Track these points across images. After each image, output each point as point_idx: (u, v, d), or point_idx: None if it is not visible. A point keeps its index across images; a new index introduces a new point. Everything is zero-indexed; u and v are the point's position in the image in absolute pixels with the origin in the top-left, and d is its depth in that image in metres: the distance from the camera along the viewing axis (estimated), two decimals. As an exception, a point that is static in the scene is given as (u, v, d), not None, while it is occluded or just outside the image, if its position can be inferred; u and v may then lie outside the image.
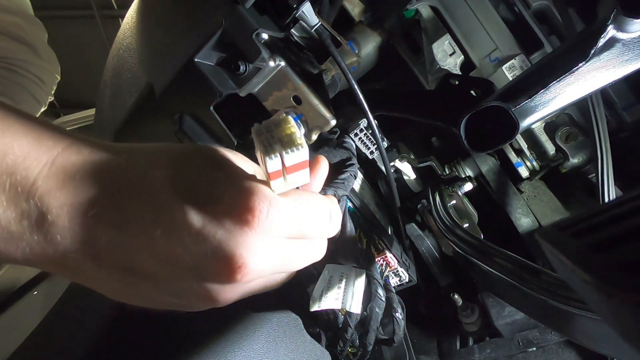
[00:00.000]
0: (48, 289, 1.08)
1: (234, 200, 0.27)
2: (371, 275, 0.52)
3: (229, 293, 0.28)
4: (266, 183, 0.29)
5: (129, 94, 0.52)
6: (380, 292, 0.51)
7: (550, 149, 0.62)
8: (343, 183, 0.49)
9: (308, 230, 0.29)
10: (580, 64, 0.41)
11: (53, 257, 0.25)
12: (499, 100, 0.43)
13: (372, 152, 0.61)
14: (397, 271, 0.58)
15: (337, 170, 0.52)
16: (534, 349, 0.59)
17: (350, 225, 0.51)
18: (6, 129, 0.24)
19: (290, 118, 0.29)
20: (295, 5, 0.43)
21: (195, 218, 0.26)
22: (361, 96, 0.48)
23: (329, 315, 0.54)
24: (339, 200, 0.42)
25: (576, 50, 0.42)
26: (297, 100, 0.47)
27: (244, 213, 0.26)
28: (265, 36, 0.44)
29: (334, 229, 0.32)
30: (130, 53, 0.57)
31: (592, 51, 0.41)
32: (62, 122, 1.58)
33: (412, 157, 0.67)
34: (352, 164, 0.51)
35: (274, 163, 0.27)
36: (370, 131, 0.58)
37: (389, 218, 0.65)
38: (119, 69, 0.60)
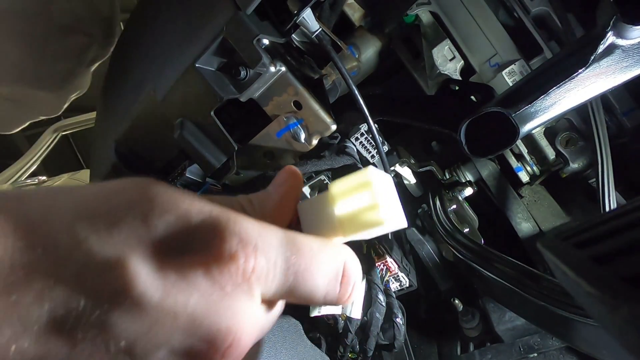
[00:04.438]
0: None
1: (201, 240, 0.19)
2: (371, 280, 0.52)
3: None
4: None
5: (130, 99, 0.52)
6: (381, 297, 0.51)
7: (551, 153, 0.62)
8: None
9: (301, 293, 0.21)
10: (580, 70, 0.41)
11: None
12: (499, 106, 0.44)
13: (372, 156, 0.61)
14: (398, 276, 0.58)
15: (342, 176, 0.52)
16: (535, 354, 0.59)
17: None
18: None
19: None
20: (296, 11, 0.43)
21: (146, 279, 0.18)
22: (361, 101, 0.48)
23: (330, 321, 0.54)
24: None
25: (576, 57, 0.42)
26: (298, 105, 0.47)
27: (220, 263, 0.19)
28: (266, 42, 0.44)
29: (342, 297, 0.22)
30: (131, 57, 0.57)
31: (592, 57, 0.41)
32: (63, 125, 1.58)
33: (413, 161, 0.67)
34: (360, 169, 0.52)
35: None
36: (370, 135, 0.58)
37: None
38: (121, 73, 0.60)
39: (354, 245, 0.23)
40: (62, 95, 0.75)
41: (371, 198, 0.21)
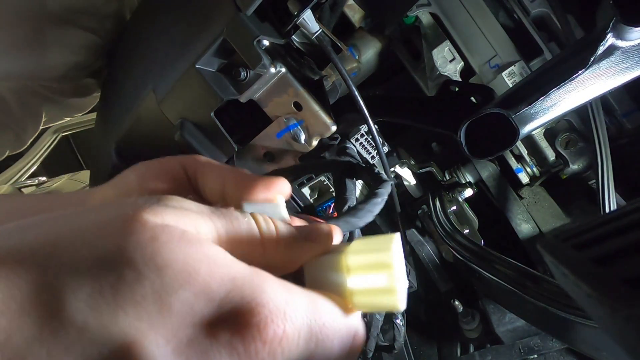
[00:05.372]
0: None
1: (226, 317, 0.17)
2: (371, 281, 0.51)
3: None
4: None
5: (131, 100, 0.52)
6: (381, 298, 0.51)
7: (551, 155, 0.62)
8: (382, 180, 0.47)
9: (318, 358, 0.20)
10: (579, 72, 0.41)
11: None
12: (499, 107, 0.44)
13: (372, 157, 0.61)
14: (398, 277, 0.57)
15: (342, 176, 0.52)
16: (535, 356, 0.59)
17: (358, 233, 0.51)
18: None
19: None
20: (296, 13, 0.43)
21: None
22: (361, 102, 0.48)
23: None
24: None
25: (576, 58, 0.42)
26: (298, 106, 0.47)
27: (247, 340, 0.17)
28: (266, 43, 0.44)
29: None
30: (132, 58, 0.57)
31: (592, 59, 0.41)
32: (63, 126, 1.58)
33: (413, 162, 0.67)
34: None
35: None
36: (370, 136, 0.58)
37: (389, 223, 0.65)
38: (121, 74, 0.60)
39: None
40: (77, 88, 0.74)
41: (389, 282, 0.20)
